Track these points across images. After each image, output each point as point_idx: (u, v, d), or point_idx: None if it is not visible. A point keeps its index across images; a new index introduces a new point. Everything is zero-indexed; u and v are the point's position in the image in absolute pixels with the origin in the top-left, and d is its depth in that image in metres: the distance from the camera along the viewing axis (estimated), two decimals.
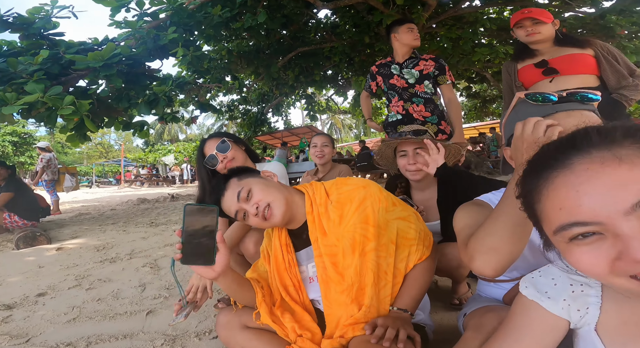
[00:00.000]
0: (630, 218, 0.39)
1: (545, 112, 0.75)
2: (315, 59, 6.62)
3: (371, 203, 1.00)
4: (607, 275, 0.43)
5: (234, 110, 9.99)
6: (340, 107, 11.21)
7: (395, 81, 2.31)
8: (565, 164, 0.44)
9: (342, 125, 30.00)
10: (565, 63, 1.73)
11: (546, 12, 1.77)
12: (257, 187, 1.02)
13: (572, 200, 0.42)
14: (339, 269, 0.98)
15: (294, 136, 14.13)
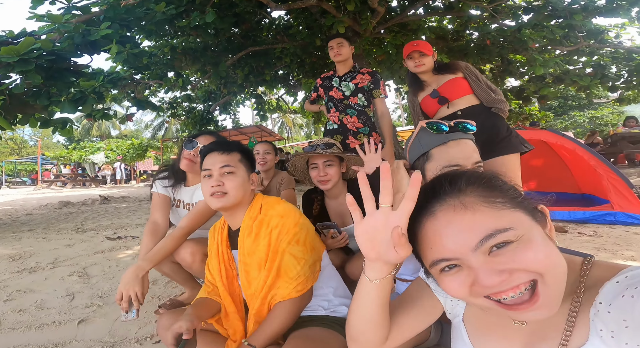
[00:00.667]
0: (476, 253, 0.50)
1: (440, 141, 0.97)
2: (267, 58, 6.43)
3: (278, 233, 1.11)
4: (468, 297, 0.53)
5: (177, 107, 9.31)
6: (290, 107, 11.08)
7: (333, 93, 2.44)
8: (430, 211, 0.56)
9: (292, 124, 29.77)
10: (449, 89, 1.99)
11: (429, 45, 2.03)
12: (236, 180, 1.12)
13: (437, 242, 0.54)
14: (249, 278, 1.13)
15: (243, 135, 13.65)
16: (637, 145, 6.39)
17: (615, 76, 7.17)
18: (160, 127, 28.98)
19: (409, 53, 2.05)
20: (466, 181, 0.55)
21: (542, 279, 0.48)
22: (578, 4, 6.03)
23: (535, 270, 0.48)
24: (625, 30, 6.89)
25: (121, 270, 2.44)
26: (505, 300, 0.50)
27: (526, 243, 0.49)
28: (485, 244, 0.50)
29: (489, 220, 0.51)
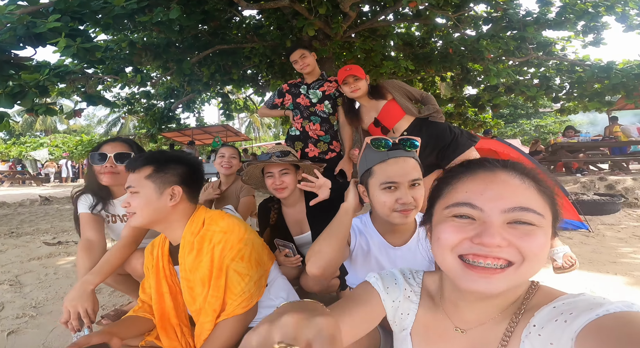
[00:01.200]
0: (501, 215, 0.54)
1: (381, 158, 1.02)
2: (235, 57, 6.18)
3: (222, 249, 1.10)
4: (451, 248, 0.57)
5: (135, 104, 8.70)
6: (258, 107, 10.82)
7: (300, 100, 2.45)
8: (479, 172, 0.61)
9: (260, 124, 29.11)
10: (387, 117, 2.09)
11: (361, 69, 2.08)
12: (140, 200, 1.08)
13: (476, 189, 0.57)
14: (194, 294, 1.11)
15: (207, 134, 13.10)
16: (574, 154, 7.00)
17: (558, 87, 7.83)
18: (116, 123, 26.95)
19: (343, 79, 2.06)
20: (503, 164, 0.60)
21: (518, 266, 0.53)
22: (531, 17, 6.48)
23: (525, 256, 0.52)
24: (570, 43, 7.54)
25: (60, 277, 2.29)
26: (478, 263, 0.53)
27: (537, 234, 0.53)
28: (516, 213, 0.53)
29: (531, 198, 0.55)
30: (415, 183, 1.02)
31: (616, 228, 3.42)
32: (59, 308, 1.79)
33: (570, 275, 2.11)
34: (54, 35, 2.73)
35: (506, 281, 0.53)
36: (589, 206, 3.84)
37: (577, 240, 3.01)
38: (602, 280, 2.07)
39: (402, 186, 1.00)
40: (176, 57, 5.43)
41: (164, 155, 1.17)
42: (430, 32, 7.41)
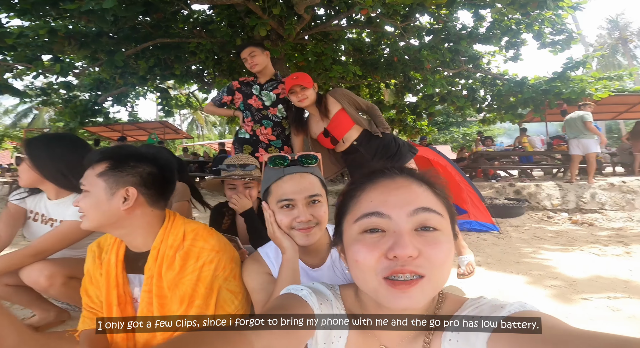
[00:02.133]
0: (409, 220, 0.55)
1: (277, 176, 0.96)
2: (178, 52, 5.67)
3: (214, 268, 1.02)
4: (372, 268, 0.55)
5: (51, 94, 7.53)
6: (202, 104, 10.14)
7: (252, 101, 2.32)
8: (377, 182, 0.62)
9: (205, 122, 27.24)
10: (337, 128, 2.10)
11: (308, 78, 2.04)
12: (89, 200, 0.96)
13: (379, 198, 0.58)
14: (163, 311, 1.00)
15: (142, 130, 11.91)
16: (491, 162, 7.93)
17: (481, 99, 8.73)
18: (27, 114, 23.04)
19: (290, 87, 2.00)
20: (400, 170, 0.63)
21: (429, 277, 0.54)
22: (466, 31, 7.10)
23: (433, 265, 0.54)
24: (494, 57, 8.43)
25: None
26: (399, 278, 0.54)
27: (442, 241, 0.55)
28: (420, 215, 0.55)
29: (430, 200, 0.58)
30: (314, 199, 0.95)
31: (521, 230, 3.94)
32: None
33: (482, 275, 2.40)
34: None
35: (423, 293, 0.54)
36: (500, 210, 4.37)
37: (490, 241, 3.40)
38: (507, 279, 2.35)
39: (299, 204, 0.93)
40: (107, 48, 4.80)
41: (124, 150, 1.02)
42: (379, 39, 7.68)
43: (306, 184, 0.94)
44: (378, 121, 2.11)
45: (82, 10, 2.82)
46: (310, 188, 0.95)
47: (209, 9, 6.10)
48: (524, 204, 4.68)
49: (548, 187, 5.31)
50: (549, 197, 5.20)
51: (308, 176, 0.96)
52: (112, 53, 4.80)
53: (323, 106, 2.05)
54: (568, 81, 6.84)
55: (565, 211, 4.96)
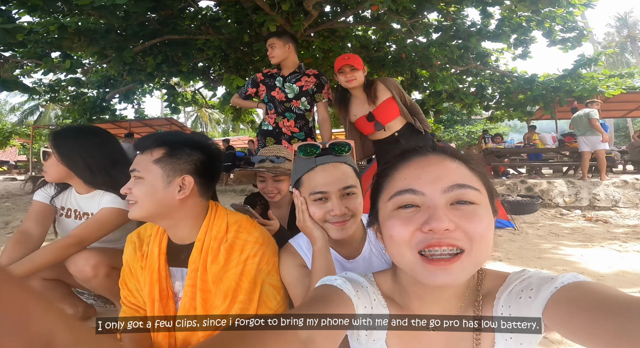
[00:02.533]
0: (443, 196, 0.54)
1: (309, 167, 0.90)
2: (186, 49, 5.67)
3: (258, 261, 0.98)
4: (407, 244, 0.54)
5: (59, 91, 7.58)
6: (208, 101, 10.14)
7: (275, 94, 2.31)
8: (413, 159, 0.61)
9: (209, 119, 27.26)
10: (384, 114, 2.07)
11: (359, 59, 2.01)
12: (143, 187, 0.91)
13: (412, 175, 0.58)
14: (206, 307, 0.96)
15: (148, 127, 11.98)
16: (501, 159, 7.86)
17: (490, 96, 8.64)
18: (33, 111, 23.23)
19: (340, 67, 1.98)
20: (433, 147, 0.62)
21: (469, 252, 0.53)
22: (475, 28, 7.02)
23: (472, 239, 0.53)
24: (502, 55, 8.34)
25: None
26: (435, 252, 0.52)
27: (480, 214, 0.55)
28: (455, 191, 0.54)
29: (465, 176, 0.57)
30: (348, 191, 0.89)
31: (536, 226, 3.90)
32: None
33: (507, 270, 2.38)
34: None
35: (463, 269, 0.53)
36: (513, 207, 4.33)
37: (506, 237, 3.37)
38: None
39: (333, 196, 0.88)
40: (116, 45, 4.81)
41: (179, 137, 0.98)
42: (385, 36, 7.62)
43: (339, 175, 0.89)
44: (420, 118, 2.11)
45: (94, 5, 2.81)
46: (344, 179, 0.89)
47: (215, 6, 6.08)
48: (537, 201, 4.63)
49: (560, 184, 5.25)
50: (561, 194, 5.15)
51: (341, 166, 0.91)
52: (120, 50, 4.81)
53: (373, 90, 2.02)
54: (579, 79, 6.74)
55: (579, 209, 4.90)
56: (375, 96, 2.03)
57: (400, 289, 0.66)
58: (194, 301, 0.96)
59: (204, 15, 5.78)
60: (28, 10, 3.09)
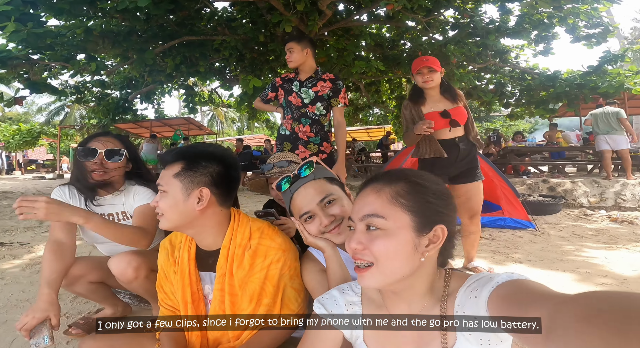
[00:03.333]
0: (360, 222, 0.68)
1: (289, 197, 1.03)
2: (203, 49, 5.82)
3: (281, 267, 1.03)
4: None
5: (85, 92, 7.92)
6: (224, 101, 10.35)
7: (292, 98, 2.33)
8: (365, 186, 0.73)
9: (224, 118, 27.86)
10: (460, 116, 2.14)
11: (437, 62, 2.06)
12: (167, 201, 0.97)
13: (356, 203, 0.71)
14: (234, 309, 1.02)
15: (167, 127, 12.32)
16: (521, 158, 7.61)
17: (510, 93, 8.40)
18: (59, 111, 24.30)
19: (418, 69, 2.07)
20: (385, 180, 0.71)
21: (377, 265, 0.65)
22: (493, 25, 6.85)
23: (376, 257, 0.64)
24: (523, 51, 8.10)
25: (8, 283, 2.13)
26: (358, 264, 0.67)
27: (385, 237, 0.64)
28: (367, 220, 0.66)
29: (380, 205, 0.67)
30: (326, 200, 0.99)
31: (558, 227, 3.76)
32: (13, 316, 1.67)
33: (525, 272, 2.31)
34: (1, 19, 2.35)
35: (373, 278, 0.65)
36: (534, 207, 4.17)
37: (527, 238, 3.26)
38: (553, 277, 2.25)
39: (317, 212, 0.98)
40: (138, 47, 4.99)
41: (195, 149, 1.04)
42: (400, 34, 7.55)
43: (313, 194, 0.99)
44: (475, 132, 2.17)
45: (118, 8, 2.94)
46: (316, 194, 0.99)
47: (230, 6, 6.20)
48: (560, 201, 4.47)
49: (585, 184, 5.06)
50: (585, 194, 4.96)
51: (312, 183, 1.01)
52: (142, 51, 4.99)
53: (454, 92, 2.11)
54: (604, 75, 6.48)
55: (603, 209, 4.71)
56: (455, 97, 2.11)
57: (382, 291, 0.76)
58: (222, 304, 1.02)
59: (220, 16, 5.91)
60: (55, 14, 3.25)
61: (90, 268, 1.43)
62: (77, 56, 5.05)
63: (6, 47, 3.35)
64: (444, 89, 2.13)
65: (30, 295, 1.95)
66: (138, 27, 4.49)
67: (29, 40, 2.68)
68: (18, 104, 6.16)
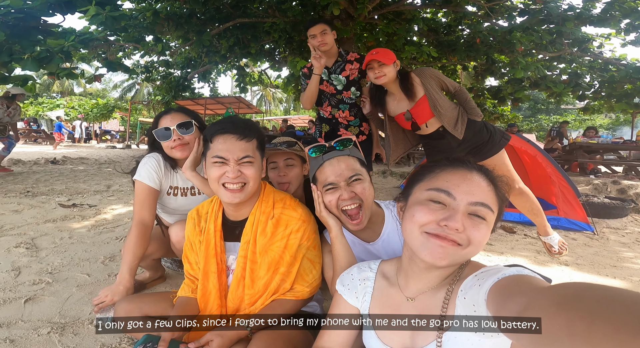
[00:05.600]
0: (468, 206, 0.70)
1: (318, 164, 1.07)
2: (254, 31, 6.09)
3: (300, 237, 1.08)
4: (420, 226, 0.71)
5: (152, 71, 8.72)
6: (273, 82, 10.71)
7: (324, 87, 2.28)
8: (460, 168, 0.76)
9: (272, 98, 28.84)
10: (420, 114, 1.89)
11: (389, 53, 1.85)
12: (255, 170, 1.05)
13: (457, 182, 0.72)
14: (253, 276, 1.06)
15: (220, 104, 13.10)
16: (591, 155, 6.86)
17: (587, 85, 7.52)
18: (130, 88, 27.05)
19: (368, 62, 1.86)
20: (489, 173, 0.76)
21: (464, 248, 0.69)
22: (573, 12, 6.14)
23: (470, 241, 0.69)
24: (609, 40, 7.16)
25: (74, 242, 2.26)
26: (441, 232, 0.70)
27: (485, 228, 0.69)
28: (477, 207, 0.70)
29: (489, 197, 0.72)
30: (353, 178, 1.04)
31: (621, 233, 3.44)
32: (74, 275, 1.79)
33: (571, 276, 2.22)
34: (83, 3, 2.76)
35: (452, 256, 0.68)
36: (597, 209, 3.83)
37: (581, 241, 3.05)
38: (601, 283, 2.11)
39: (341, 185, 1.03)
40: (197, 28, 5.39)
41: (256, 125, 1.12)
42: (458, 19, 7.11)
43: (344, 167, 1.05)
44: (468, 106, 1.90)
45: None
46: (347, 169, 1.05)
47: None
48: (629, 205, 4.06)
49: None
50: None
51: (345, 158, 1.07)
52: (200, 33, 5.38)
53: (409, 85, 1.86)
54: None
55: None
56: (412, 92, 1.87)
57: (398, 270, 0.83)
58: (244, 271, 1.06)
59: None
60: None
61: (157, 248, 1.55)
62: (147, 37, 5.61)
63: (88, 29, 3.87)
64: (402, 81, 1.87)
65: (91, 255, 2.07)
66: (197, 10, 4.86)
67: (106, 23, 3.08)
68: (97, 81, 7.01)
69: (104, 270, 1.88)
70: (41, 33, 3.23)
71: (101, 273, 1.84)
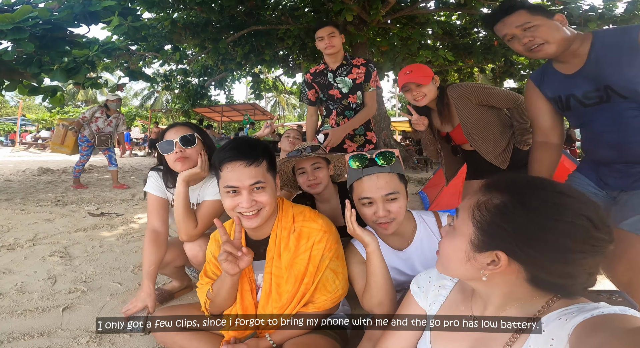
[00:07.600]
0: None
1: (357, 176, 1.08)
2: (268, 38, 6.22)
3: (322, 248, 1.09)
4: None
5: (172, 80, 9.02)
6: (287, 88, 10.87)
7: (333, 92, 2.22)
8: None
9: (286, 104, 29.30)
10: (459, 136, 1.75)
11: (424, 70, 1.65)
12: (269, 194, 1.03)
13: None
14: (280, 290, 1.08)
15: (236, 111, 13.37)
16: None
17: None
18: (150, 96, 28.06)
19: (403, 84, 1.66)
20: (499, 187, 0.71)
21: (439, 256, 0.73)
22: (595, 12, 5.95)
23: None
24: None
25: (105, 251, 2.33)
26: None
27: (450, 236, 0.69)
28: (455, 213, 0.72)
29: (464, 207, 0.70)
30: (390, 197, 1.04)
31: None
32: (106, 283, 1.85)
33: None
34: (107, 14, 2.89)
35: (438, 265, 0.74)
36: None
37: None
38: None
39: (377, 201, 1.04)
40: (213, 37, 5.55)
41: (264, 144, 1.11)
42: (473, 22, 7.03)
43: (382, 184, 1.04)
44: (519, 130, 1.65)
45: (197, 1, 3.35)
46: (386, 187, 1.04)
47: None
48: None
49: None
50: None
51: (385, 175, 1.05)
52: (216, 41, 5.54)
53: (445, 108, 1.68)
54: None
55: None
56: (450, 116, 1.69)
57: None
58: (270, 287, 1.09)
59: (284, 5, 6.22)
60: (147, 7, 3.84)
61: (177, 255, 1.57)
62: (165, 46, 5.82)
63: (111, 39, 4.06)
64: (440, 99, 1.68)
65: (121, 263, 2.11)
66: (213, 18, 5.00)
67: (129, 33, 3.22)
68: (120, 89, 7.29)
69: (134, 279, 1.91)
70: (68, 44, 3.40)
71: (132, 282, 1.87)
